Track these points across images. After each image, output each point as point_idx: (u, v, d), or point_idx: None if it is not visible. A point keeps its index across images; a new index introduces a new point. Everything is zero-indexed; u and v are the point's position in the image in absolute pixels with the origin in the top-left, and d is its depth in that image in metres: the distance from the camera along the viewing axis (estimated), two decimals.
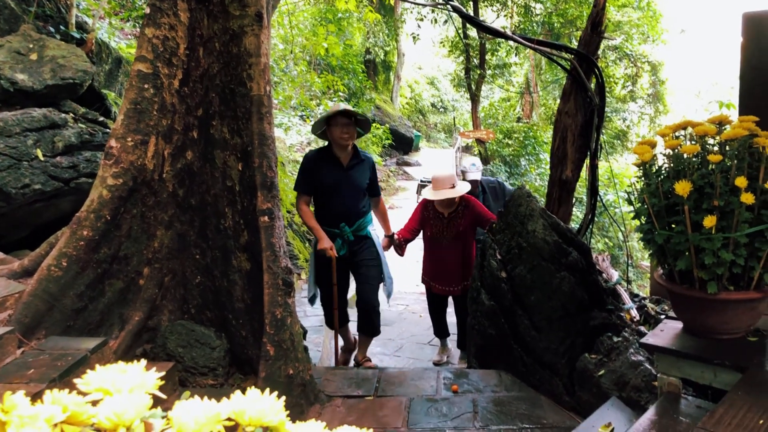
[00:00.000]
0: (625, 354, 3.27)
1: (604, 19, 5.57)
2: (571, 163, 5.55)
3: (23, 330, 3.44)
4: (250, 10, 3.70)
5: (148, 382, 0.87)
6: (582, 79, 5.42)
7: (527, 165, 17.75)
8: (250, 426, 0.85)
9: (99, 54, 7.45)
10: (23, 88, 5.61)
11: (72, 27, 6.99)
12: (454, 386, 3.86)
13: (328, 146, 4.71)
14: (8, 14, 6.73)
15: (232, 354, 3.98)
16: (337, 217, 4.66)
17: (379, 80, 24.71)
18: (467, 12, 16.84)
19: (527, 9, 18.06)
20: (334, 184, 4.60)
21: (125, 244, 3.90)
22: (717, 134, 2.68)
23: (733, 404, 2.30)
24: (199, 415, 0.78)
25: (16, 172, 5.10)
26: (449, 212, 5.14)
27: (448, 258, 5.23)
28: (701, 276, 2.62)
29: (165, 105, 3.88)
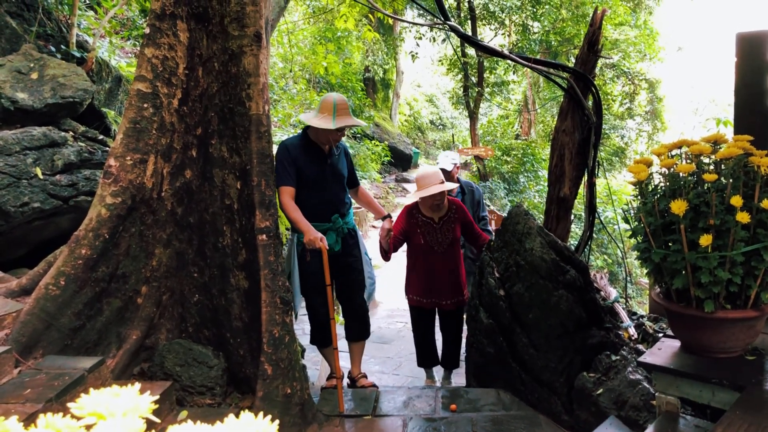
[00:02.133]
0: (623, 372, 3.27)
1: (601, 38, 5.61)
2: (569, 180, 5.57)
3: (20, 349, 3.43)
4: (249, 31, 3.73)
5: (141, 406, 0.87)
6: (579, 97, 5.46)
7: (526, 182, 17.81)
8: None
9: (99, 73, 7.49)
10: (23, 107, 5.64)
11: (72, 46, 7.04)
12: (453, 405, 3.84)
13: (306, 135, 4.26)
14: (9, 34, 6.78)
15: (230, 373, 3.97)
16: (326, 210, 4.23)
17: (378, 98, 24.85)
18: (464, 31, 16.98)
19: (525, 28, 18.19)
20: (318, 176, 4.18)
21: (123, 262, 3.90)
22: (712, 153, 2.69)
23: (732, 424, 2.30)
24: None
25: (15, 191, 5.11)
26: (440, 216, 4.74)
27: (442, 268, 4.79)
28: (698, 294, 2.62)
29: (164, 124, 3.91)
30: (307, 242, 3.95)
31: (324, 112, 4.06)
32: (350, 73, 18.97)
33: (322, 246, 3.92)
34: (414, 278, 4.95)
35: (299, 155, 4.12)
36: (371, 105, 21.72)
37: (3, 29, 6.79)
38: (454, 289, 4.85)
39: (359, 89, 18.99)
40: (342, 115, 4.07)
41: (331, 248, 4.10)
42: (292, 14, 19.14)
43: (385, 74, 24.47)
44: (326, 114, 4.04)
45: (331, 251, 4.09)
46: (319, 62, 12.68)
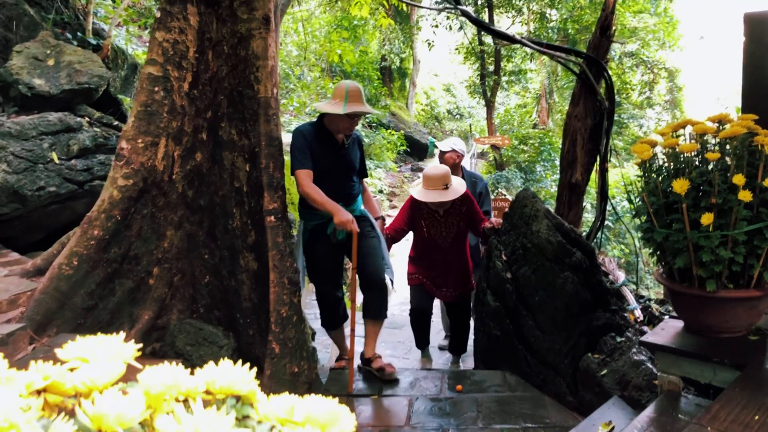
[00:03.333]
0: (627, 354, 3.28)
1: (614, 23, 5.57)
2: (580, 166, 5.56)
3: (35, 327, 3.51)
4: (258, 14, 3.76)
5: (125, 352, 0.91)
6: (591, 82, 5.43)
7: (542, 171, 17.69)
8: (221, 394, 0.89)
9: (115, 60, 7.58)
10: (40, 93, 5.73)
11: (89, 33, 7.13)
12: (458, 386, 3.88)
13: (321, 123, 4.13)
14: (27, 21, 6.88)
15: (239, 352, 4.02)
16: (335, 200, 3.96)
17: (395, 87, 24.81)
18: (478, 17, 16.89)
19: (542, 15, 18.03)
20: (330, 166, 4.05)
21: (135, 244, 3.97)
22: (717, 133, 2.69)
23: (730, 401, 2.31)
24: (166, 379, 0.81)
25: (31, 175, 5.20)
26: (445, 209, 4.58)
27: (447, 262, 4.69)
28: (700, 274, 2.62)
29: (175, 107, 3.95)
30: (338, 223, 3.82)
31: (336, 99, 3.96)
32: (366, 61, 18.97)
33: (353, 228, 3.83)
34: (418, 266, 4.82)
35: (314, 142, 4.01)
36: (387, 94, 21.71)
37: (21, 17, 6.89)
38: (458, 283, 4.75)
39: (375, 78, 18.99)
40: (354, 102, 3.94)
41: (335, 236, 4.05)
42: (309, 2, 19.16)
43: (402, 63, 24.41)
44: (338, 100, 3.93)
45: (335, 240, 4.07)
46: (334, 50, 12.69)
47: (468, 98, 29.90)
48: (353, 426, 0.88)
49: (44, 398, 0.89)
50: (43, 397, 0.89)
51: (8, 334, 3.21)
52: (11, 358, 3.27)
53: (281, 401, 0.92)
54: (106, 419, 0.71)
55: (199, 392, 0.91)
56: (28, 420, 0.72)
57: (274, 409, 0.89)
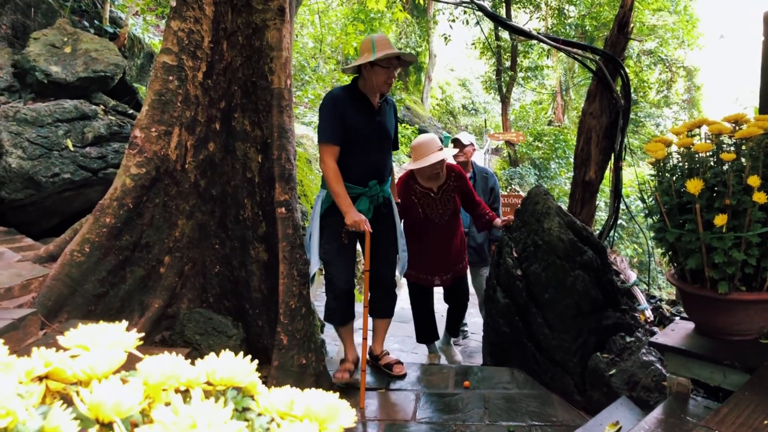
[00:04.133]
0: (636, 354, 3.25)
1: (631, 20, 5.51)
2: (594, 164, 5.51)
3: (46, 312, 3.53)
4: (273, 4, 3.76)
5: (126, 341, 0.91)
6: (608, 80, 5.38)
7: (557, 168, 17.61)
8: (221, 385, 0.88)
9: (132, 49, 7.61)
10: (57, 80, 5.76)
11: (105, 22, 7.16)
12: (466, 382, 3.87)
13: (355, 85, 3.78)
14: (45, 9, 6.92)
15: (248, 343, 4.03)
16: (366, 174, 3.78)
17: (410, 81, 24.72)
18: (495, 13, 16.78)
19: (560, 11, 17.91)
20: (366, 133, 3.72)
21: (147, 232, 3.98)
22: (732, 133, 2.65)
23: (739, 404, 2.28)
24: (165, 369, 0.81)
25: (46, 161, 5.24)
26: (439, 185, 4.39)
27: (443, 242, 4.51)
28: (712, 275, 2.60)
29: (189, 97, 3.96)
30: (350, 224, 3.58)
31: (364, 53, 3.64)
32: None
33: (366, 230, 3.57)
34: (412, 253, 4.46)
35: (348, 108, 3.65)
36: (402, 88, 21.65)
37: (39, 4, 6.93)
38: (455, 261, 4.62)
39: None
40: (383, 49, 3.58)
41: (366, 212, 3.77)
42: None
43: (418, 57, 24.34)
44: (366, 53, 3.62)
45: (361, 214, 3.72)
46: (350, 43, 12.66)
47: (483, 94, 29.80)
48: (353, 421, 0.87)
49: (46, 385, 0.89)
50: (45, 384, 0.89)
51: (19, 319, 3.23)
52: (22, 342, 3.30)
53: (282, 394, 0.91)
54: (103, 408, 0.71)
55: (200, 383, 0.90)
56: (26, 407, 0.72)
57: (275, 401, 0.89)
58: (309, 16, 12.64)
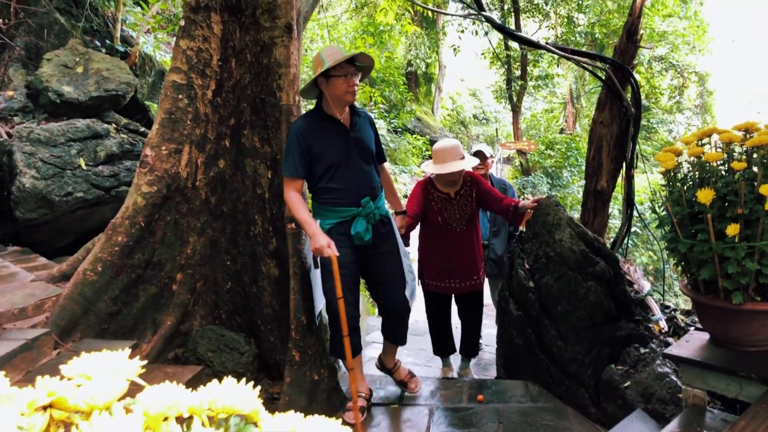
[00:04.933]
0: (651, 365, 3.22)
1: (641, 28, 5.50)
2: (606, 173, 5.49)
3: (59, 332, 3.55)
4: (280, 22, 3.78)
5: (128, 369, 0.90)
6: (617, 88, 5.36)
7: (569, 177, 17.54)
8: (223, 413, 0.88)
9: (143, 67, 7.68)
10: (69, 100, 5.83)
11: (117, 41, 7.23)
12: (480, 396, 3.84)
13: (320, 108, 3.58)
14: (58, 30, 7.01)
15: (260, 359, 4.03)
16: (354, 194, 3.56)
17: (421, 92, 24.78)
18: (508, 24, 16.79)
19: (570, 20, 17.90)
20: (341, 153, 3.53)
21: (159, 250, 4.00)
22: (743, 142, 2.63)
23: (756, 416, 2.25)
24: (166, 399, 0.81)
25: (59, 181, 5.28)
26: (455, 191, 4.36)
27: (461, 248, 4.43)
28: (725, 286, 2.57)
29: (198, 115, 3.98)
30: (313, 250, 3.35)
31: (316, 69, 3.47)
32: (392, 67, 18.97)
33: (331, 255, 3.29)
34: (429, 260, 4.55)
35: (315, 136, 3.49)
36: (413, 99, 21.69)
37: (52, 25, 7.03)
38: (472, 270, 4.51)
39: (401, 83, 18.98)
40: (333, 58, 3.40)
41: (360, 238, 3.55)
42: (335, 8, 19.25)
43: (428, 68, 24.36)
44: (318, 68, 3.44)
45: (360, 242, 3.57)
46: None
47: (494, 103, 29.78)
48: None
49: (50, 414, 0.89)
50: (49, 413, 0.89)
51: (33, 339, 3.25)
52: (36, 363, 3.31)
53: (285, 420, 0.91)
54: None
55: (202, 411, 0.90)
56: None
57: (278, 428, 0.88)
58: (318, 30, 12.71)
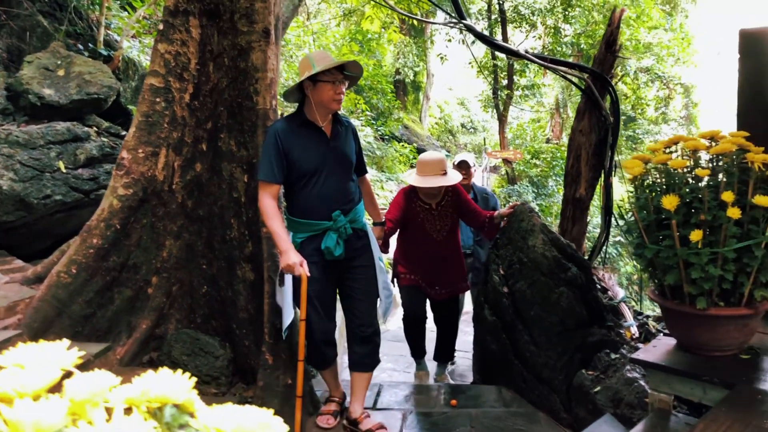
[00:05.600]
0: (621, 371, 3.25)
1: (619, 39, 5.56)
2: (585, 181, 5.54)
3: (32, 334, 3.53)
4: (258, 27, 3.80)
5: (65, 359, 0.91)
6: (596, 97, 5.43)
7: (555, 186, 17.63)
8: (157, 402, 0.89)
9: (126, 71, 7.67)
10: (50, 103, 5.80)
11: (100, 45, 7.21)
12: (453, 401, 3.86)
13: (301, 112, 3.46)
14: (41, 32, 6.99)
15: (235, 363, 4.03)
16: (325, 206, 3.40)
17: (409, 100, 24.86)
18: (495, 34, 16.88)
19: (557, 30, 18.04)
20: (318, 161, 3.38)
21: (135, 253, 4.00)
22: (708, 149, 2.67)
23: (716, 419, 2.28)
24: (92, 386, 0.82)
25: (38, 183, 5.26)
26: (437, 202, 4.40)
27: (441, 257, 4.45)
28: (690, 291, 2.60)
29: (176, 118, 3.99)
30: (284, 267, 3.23)
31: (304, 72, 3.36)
32: (380, 74, 19.03)
33: (302, 273, 3.19)
34: (406, 262, 4.55)
35: (292, 140, 3.36)
36: (400, 107, 21.76)
37: (34, 28, 7.00)
38: (452, 279, 4.53)
39: (389, 91, 19.05)
40: (323, 63, 3.31)
41: (330, 253, 3.40)
42: (323, 15, 19.30)
43: (416, 76, 24.47)
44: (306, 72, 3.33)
45: (330, 257, 3.42)
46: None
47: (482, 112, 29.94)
48: None
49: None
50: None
51: (4, 341, 3.24)
52: None
53: (219, 411, 0.92)
54: (23, 426, 0.72)
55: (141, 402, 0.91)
56: None
57: (212, 418, 0.90)
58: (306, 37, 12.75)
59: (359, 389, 3.66)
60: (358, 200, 3.62)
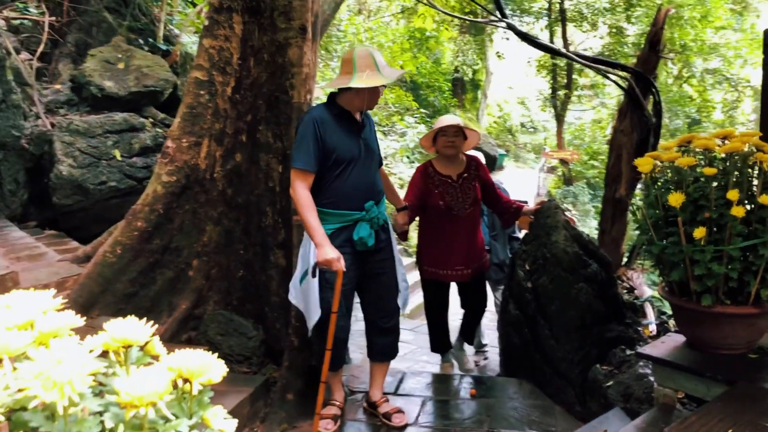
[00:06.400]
0: (634, 366, 3.28)
1: (663, 38, 5.51)
2: (625, 182, 5.52)
3: (78, 308, 3.78)
4: (295, 23, 3.97)
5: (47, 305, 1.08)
6: (638, 97, 5.40)
7: None
8: (119, 343, 1.05)
9: (184, 65, 7.99)
10: (110, 94, 6.15)
11: (159, 40, 7.56)
12: (473, 390, 3.95)
13: (334, 102, 3.46)
14: (106, 28, 7.38)
15: (266, 345, 4.21)
16: (360, 197, 3.39)
17: (467, 98, 24.82)
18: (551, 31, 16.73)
19: (619, 30, 17.74)
20: (353, 153, 3.39)
21: (177, 236, 4.23)
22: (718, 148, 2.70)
23: (708, 413, 2.32)
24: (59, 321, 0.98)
25: (95, 170, 5.60)
26: (458, 173, 4.28)
27: (463, 233, 4.29)
28: (695, 288, 2.64)
29: (218, 110, 4.20)
30: (321, 261, 3.16)
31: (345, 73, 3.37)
32: (438, 72, 19.10)
33: (339, 268, 3.15)
34: (429, 246, 4.42)
35: (330, 128, 3.33)
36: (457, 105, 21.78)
37: (100, 23, 7.40)
38: (475, 255, 4.40)
39: (446, 89, 19.10)
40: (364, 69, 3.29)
41: (363, 244, 3.37)
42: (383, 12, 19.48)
43: (474, 75, 24.44)
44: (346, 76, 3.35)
45: (362, 248, 3.39)
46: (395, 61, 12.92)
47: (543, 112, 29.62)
48: (221, 376, 1.02)
49: None
50: None
51: None
52: None
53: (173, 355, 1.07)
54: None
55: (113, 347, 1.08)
56: None
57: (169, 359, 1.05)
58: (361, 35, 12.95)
59: (379, 376, 3.76)
60: (383, 192, 3.66)
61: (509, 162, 26.51)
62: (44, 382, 0.81)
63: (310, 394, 3.55)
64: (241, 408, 3.57)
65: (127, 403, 0.87)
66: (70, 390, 0.82)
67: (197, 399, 1.03)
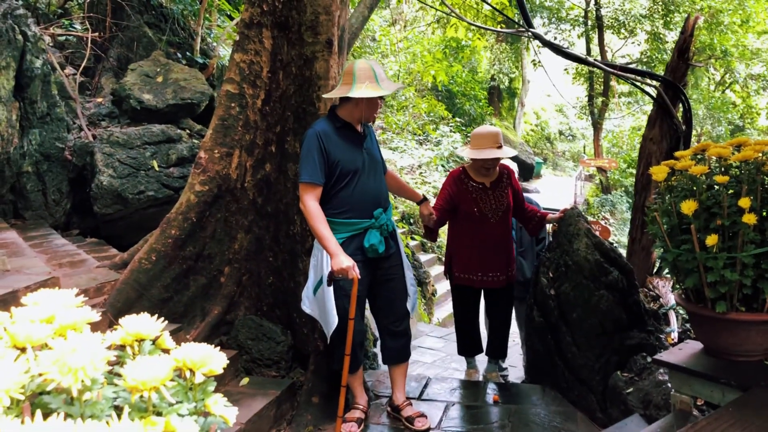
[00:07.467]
0: (654, 374, 3.30)
1: (692, 46, 5.50)
2: (654, 189, 5.51)
3: (115, 313, 3.97)
4: (322, 38, 4.10)
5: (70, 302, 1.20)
6: (668, 105, 5.40)
7: None
8: (132, 337, 1.16)
9: (220, 78, 8.22)
10: (148, 107, 6.38)
11: (196, 53, 7.80)
12: (495, 396, 4.00)
13: (336, 115, 3.60)
14: (146, 42, 7.65)
15: (294, 349, 4.34)
16: (367, 205, 3.54)
17: (503, 107, 24.79)
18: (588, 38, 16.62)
19: (657, 36, 17.55)
20: (358, 164, 3.53)
21: (209, 244, 4.39)
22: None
23: (719, 418, 2.34)
24: (76, 315, 1.10)
25: (133, 180, 5.81)
26: (491, 181, 4.34)
27: (495, 239, 4.33)
28: (710, 295, 2.66)
29: (249, 122, 4.35)
30: (337, 270, 3.23)
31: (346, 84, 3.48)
32: (473, 81, 19.15)
33: (354, 276, 3.23)
34: (461, 252, 4.44)
35: (334, 141, 3.47)
36: (493, 113, 21.78)
37: (141, 38, 7.67)
38: (504, 263, 4.41)
39: (482, 97, 19.12)
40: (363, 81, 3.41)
41: (374, 251, 3.52)
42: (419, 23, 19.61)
43: (511, 83, 24.41)
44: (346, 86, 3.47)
45: (374, 254, 3.54)
46: (428, 71, 13.03)
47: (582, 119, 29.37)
48: (221, 368, 1.12)
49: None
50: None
51: None
52: None
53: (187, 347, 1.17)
54: (18, 337, 1.00)
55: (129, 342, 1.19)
56: None
57: (176, 352, 1.15)
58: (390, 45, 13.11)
59: (399, 378, 3.85)
60: (389, 200, 3.77)
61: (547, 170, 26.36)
62: (60, 368, 0.93)
63: (334, 397, 3.65)
64: (269, 410, 3.70)
65: (132, 387, 0.98)
66: (83, 375, 0.93)
67: (201, 388, 1.13)
